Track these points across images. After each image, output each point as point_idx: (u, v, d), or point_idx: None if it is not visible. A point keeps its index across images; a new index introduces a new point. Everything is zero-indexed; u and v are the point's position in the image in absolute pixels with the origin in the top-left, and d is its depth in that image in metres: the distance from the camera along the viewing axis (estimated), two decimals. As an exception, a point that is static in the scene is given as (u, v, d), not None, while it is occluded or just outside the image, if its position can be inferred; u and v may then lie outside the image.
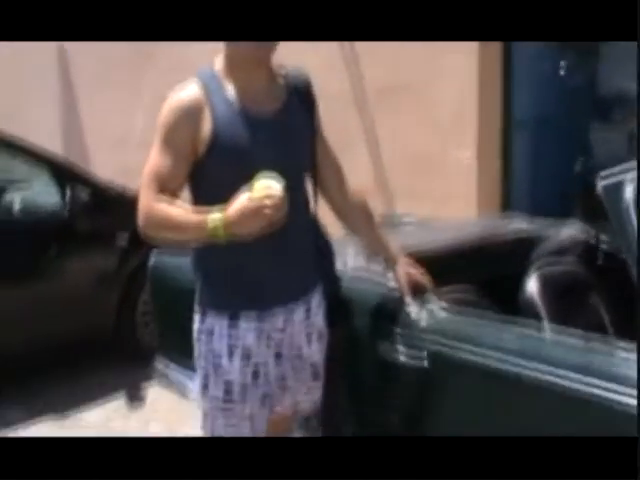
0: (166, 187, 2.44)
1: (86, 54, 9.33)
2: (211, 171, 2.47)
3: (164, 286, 3.84)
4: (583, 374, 2.30)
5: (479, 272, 3.42)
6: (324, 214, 2.83)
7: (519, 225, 4.09)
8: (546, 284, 3.28)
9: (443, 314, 2.80)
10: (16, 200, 5.46)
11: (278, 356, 2.60)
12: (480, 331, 2.68)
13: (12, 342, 5.12)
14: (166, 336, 3.91)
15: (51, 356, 5.42)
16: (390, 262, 2.88)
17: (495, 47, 5.90)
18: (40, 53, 9.91)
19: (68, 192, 5.42)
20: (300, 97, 2.62)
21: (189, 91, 2.48)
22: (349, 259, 3.20)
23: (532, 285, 3.28)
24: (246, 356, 2.53)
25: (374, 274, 3.02)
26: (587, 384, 2.28)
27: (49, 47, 9.80)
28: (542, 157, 6.26)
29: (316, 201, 2.76)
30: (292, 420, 2.88)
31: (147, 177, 2.47)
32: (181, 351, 3.32)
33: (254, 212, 2.26)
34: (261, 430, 2.63)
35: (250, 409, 2.59)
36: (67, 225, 5.40)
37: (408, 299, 2.82)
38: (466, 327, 2.72)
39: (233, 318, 2.51)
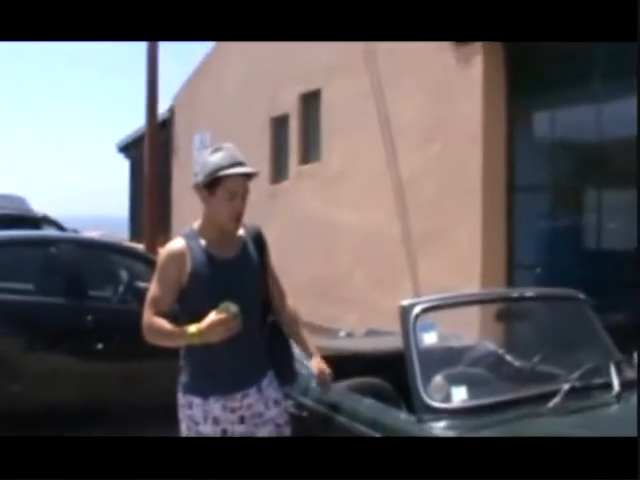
0: (160, 308, 2.88)
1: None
2: (190, 297, 2.90)
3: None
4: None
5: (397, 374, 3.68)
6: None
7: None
8: None
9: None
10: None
11: (242, 419, 2.97)
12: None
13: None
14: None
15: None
16: (308, 355, 3.27)
17: (500, 206, 6.70)
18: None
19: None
20: (254, 243, 3.07)
21: (176, 243, 2.95)
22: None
23: None
24: (215, 422, 2.93)
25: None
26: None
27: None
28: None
29: (275, 313, 3.17)
30: None
31: (148, 301, 2.91)
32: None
33: (218, 324, 2.73)
34: None
35: None
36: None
37: (314, 381, 3.34)
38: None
39: (204, 398, 2.94)
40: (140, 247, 11.09)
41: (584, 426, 2.87)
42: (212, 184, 2.88)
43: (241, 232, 3.04)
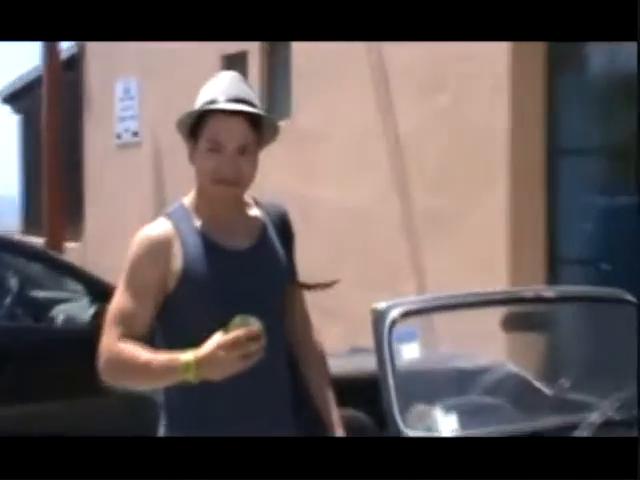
0: (130, 329, 2.55)
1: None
2: (181, 309, 2.61)
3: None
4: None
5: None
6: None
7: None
8: None
9: None
10: (60, 314, 6.81)
11: None
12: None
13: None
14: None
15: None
16: (326, 425, 2.86)
17: (535, 177, 6.91)
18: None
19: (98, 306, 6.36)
20: (277, 232, 2.80)
21: (158, 226, 2.65)
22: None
23: None
24: None
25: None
26: None
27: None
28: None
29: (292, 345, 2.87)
30: None
31: (110, 318, 2.59)
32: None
33: (229, 348, 2.37)
34: None
35: None
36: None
37: None
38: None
39: None
40: (38, 242, 11.21)
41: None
42: (195, 128, 2.64)
43: (258, 213, 2.82)
